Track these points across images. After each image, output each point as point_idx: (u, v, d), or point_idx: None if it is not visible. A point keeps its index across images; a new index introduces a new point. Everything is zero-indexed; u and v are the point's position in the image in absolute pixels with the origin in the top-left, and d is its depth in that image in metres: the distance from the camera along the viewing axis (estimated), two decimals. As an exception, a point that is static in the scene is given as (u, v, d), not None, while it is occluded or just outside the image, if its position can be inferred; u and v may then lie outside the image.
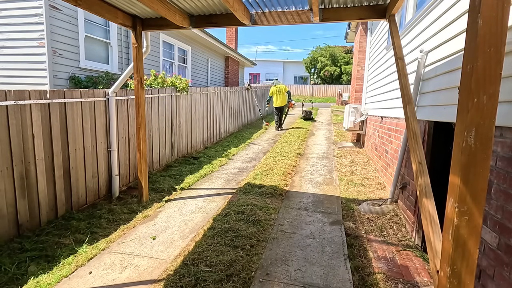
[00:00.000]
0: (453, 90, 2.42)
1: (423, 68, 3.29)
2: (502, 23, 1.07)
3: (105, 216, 3.49)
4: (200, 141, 7.40)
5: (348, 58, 27.94)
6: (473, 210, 1.16)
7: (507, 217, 1.66)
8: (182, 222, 3.46)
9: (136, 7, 3.39)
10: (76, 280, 2.39)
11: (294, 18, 3.34)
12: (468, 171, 1.15)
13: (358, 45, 8.53)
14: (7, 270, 2.42)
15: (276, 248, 2.89)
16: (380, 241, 3.08)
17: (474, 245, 1.17)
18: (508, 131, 1.72)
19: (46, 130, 3.17)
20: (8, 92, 2.76)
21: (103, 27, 6.66)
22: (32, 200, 3.04)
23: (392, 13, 2.93)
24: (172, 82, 5.94)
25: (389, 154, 4.66)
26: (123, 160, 4.42)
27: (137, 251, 2.82)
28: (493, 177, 1.80)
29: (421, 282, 2.40)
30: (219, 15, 3.54)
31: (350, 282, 2.39)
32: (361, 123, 7.53)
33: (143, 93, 3.93)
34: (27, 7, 5.28)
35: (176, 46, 9.81)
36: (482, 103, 1.11)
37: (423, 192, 1.78)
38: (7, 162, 2.78)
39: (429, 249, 1.52)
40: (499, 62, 1.09)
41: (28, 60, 5.40)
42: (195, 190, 4.59)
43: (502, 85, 1.15)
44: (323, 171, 5.70)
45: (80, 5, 2.90)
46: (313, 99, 27.25)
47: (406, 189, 3.57)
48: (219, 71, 13.72)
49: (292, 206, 3.96)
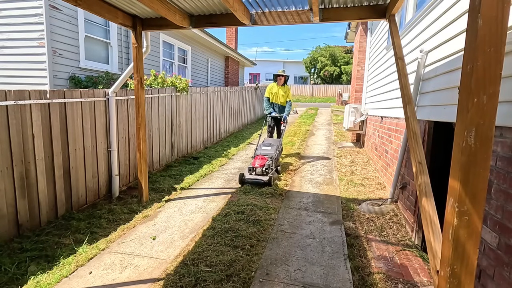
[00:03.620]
0: (453, 90, 2.42)
1: (423, 68, 3.29)
2: (502, 23, 1.07)
3: (105, 216, 3.49)
4: (200, 141, 7.40)
5: (348, 58, 27.94)
6: (473, 210, 1.16)
7: (507, 217, 1.66)
8: (182, 222, 3.46)
9: (136, 7, 3.39)
10: (76, 280, 2.39)
11: (294, 18, 3.33)
12: (468, 171, 1.15)
13: (358, 45, 8.53)
14: (7, 270, 2.42)
15: (276, 248, 2.89)
16: (380, 241, 3.08)
17: (474, 245, 1.17)
18: (508, 131, 1.72)
19: (46, 130, 3.17)
20: (8, 92, 2.76)
21: (103, 27, 6.66)
22: (32, 200, 3.04)
23: (392, 13, 2.93)
24: (172, 82, 5.94)
25: (389, 154, 4.65)
26: (123, 160, 4.42)
27: (137, 251, 2.82)
28: (493, 177, 1.80)
29: (421, 282, 2.40)
30: (219, 15, 3.54)
31: (350, 282, 2.39)
32: (361, 123, 7.53)
33: (143, 93, 3.93)
34: (27, 7, 5.27)
35: (176, 46, 9.81)
36: (482, 103, 1.11)
37: (423, 192, 1.77)
38: (7, 162, 2.78)
39: (429, 249, 1.52)
40: (499, 62, 1.09)
41: (28, 60, 5.40)
42: (195, 190, 4.58)
43: (502, 85, 1.15)
44: (323, 171, 5.70)
45: (80, 5, 2.90)
46: (313, 99, 27.27)
47: (406, 189, 3.57)
48: (219, 71, 13.72)
49: (292, 206, 3.95)
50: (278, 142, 5.58)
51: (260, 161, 4.79)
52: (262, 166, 4.71)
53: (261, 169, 4.69)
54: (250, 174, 4.74)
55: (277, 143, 5.49)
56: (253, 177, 4.64)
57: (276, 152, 5.13)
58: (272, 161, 4.91)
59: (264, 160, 4.82)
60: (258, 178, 4.58)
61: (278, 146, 5.34)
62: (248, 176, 4.70)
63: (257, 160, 4.84)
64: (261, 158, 4.87)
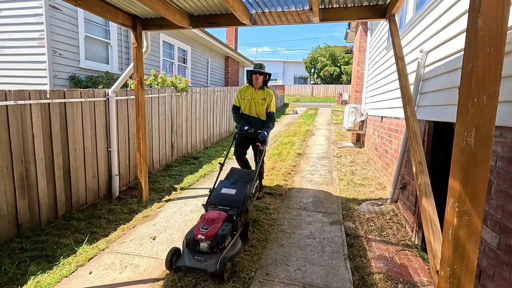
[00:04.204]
0: (453, 90, 2.42)
1: (423, 68, 3.29)
2: (502, 23, 1.07)
3: (105, 216, 3.49)
4: (200, 141, 7.40)
5: (348, 58, 27.95)
6: (473, 210, 1.16)
7: (507, 217, 1.66)
8: (182, 222, 3.46)
9: (136, 7, 3.39)
10: (76, 280, 2.38)
11: (294, 18, 3.34)
12: (468, 171, 1.15)
13: (358, 45, 8.53)
14: (7, 270, 2.42)
15: (276, 248, 2.89)
16: (380, 241, 3.08)
17: (474, 245, 1.17)
18: (508, 131, 1.72)
19: (46, 130, 3.17)
20: (8, 92, 2.76)
21: (103, 27, 6.66)
22: (32, 200, 3.04)
23: (392, 13, 2.93)
24: (172, 82, 5.94)
25: (389, 154, 4.65)
26: (123, 160, 4.42)
27: (137, 251, 2.82)
28: (493, 177, 1.80)
29: (421, 282, 2.40)
30: (219, 15, 3.54)
31: (350, 282, 2.39)
32: (361, 123, 7.53)
33: (143, 93, 3.93)
34: (27, 7, 5.27)
35: (176, 46, 9.81)
36: (482, 103, 1.11)
37: (423, 192, 1.77)
38: (7, 162, 2.78)
39: (429, 249, 1.52)
40: (499, 62, 1.09)
41: (28, 60, 5.40)
42: (195, 190, 4.58)
43: (502, 85, 1.15)
44: (323, 171, 5.70)
45: (80, 5, 2.90)
46: (313, 99, 27.28)
47: (406, 189, 3.57)
48: (219, 71, 13.72)
49: (292, 206, 3.95)
50: (251, 175, 3.36)
51: (208, 227, 2.49)
52: (211, 238, 2.44)
53: (208, 244, 2.43)
54: (189, 252, 2.46)
55: (248, 177, 3.34)
56: (193, 262, 2.39)
57: (246, 198, 3.00)
58: (236, 220, 2.72)
59: (218, 223, 2.56)
60: (201, 266, 2.35)
61: (250, 184, 3.17)
62: (185, 257, 2.44)
63: (203, 224, 2.53)
64: (211, 220, 2.55)
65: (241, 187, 3.07)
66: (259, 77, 3.91)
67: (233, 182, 3.17)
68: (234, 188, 3.06)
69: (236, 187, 3.08)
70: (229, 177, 3.41)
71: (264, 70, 3.96)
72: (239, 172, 3.60)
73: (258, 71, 3.87)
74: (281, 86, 25.52)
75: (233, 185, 3.11)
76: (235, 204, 2.89)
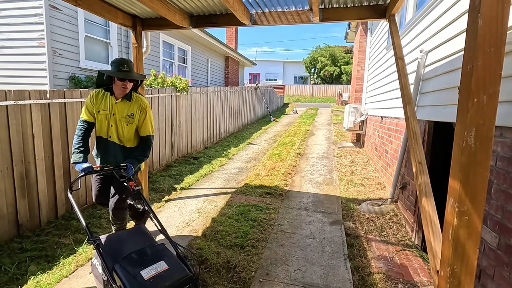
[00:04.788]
0: (453, 90, 2.42)
1: (423, 68, 3.29)
2: (502, 23, 1.07)
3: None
4: (200, 141, 7.40)
5: (348, 58, 27.95)
6: (473, 210, 1.15)
7: (507, 217, 1.66)
8: (182, 222, 3.46)
9: (136, 7, 3.39)
10: (76, 280, 2.38)
11: (294, 18, 3.33)
12: (468, 171, 1.15)
13: (358, 45, 8.53)
14: (7, 270, 2.42)
15: (276, 248, 2.89)
16: (380, 241, 3.08)
17: (474, 245, 1.17)
18: (508, 131, 1.72)
19: (46, 130, 3.17)
20: (8, 92, 2.76)
21: (103, 27, 6.66)
22: (32, 200, 3.04)
23: (392, 13, 2.93)
24: (172, 82, 5.94)
25: (389, 154, 4.65)
26: (123, 160, 4.41)
27: (137, 251, 2.82)
28: (493, 177, 1.80)
29: (421, 282, 2.40)
30: (219, 15, 3.54)
31: (350, 282, 2.39)
32: (361, 123, 7.53)
33: (143, 93, 3.93)
34: (27, 7, 5.27)
35: (176, 46, 9.80)
36: (482, 103, 1.10)
37: (423, 192, 1.77)
38: (7, 162, 2.78)
39: (429, 249, 1.52)
40: (499, 62, 1.09)
41: (28, 60, 5.39)
42: (195, 190, 4.58)
43: (502, 85, 1.15)
44: (323, 171, 5.70)
45: (80, 5, 2.90)
46: (313, 99, 27.28)
47: (406, 189, 3.57)
48: (219, 71, 13.72)
49: (292, 206, 3.95)
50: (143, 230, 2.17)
51: None
52: None
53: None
54: None
55: (146, 232, 2.14)
56: None
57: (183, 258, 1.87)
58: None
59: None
60: None
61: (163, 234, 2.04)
62: None
63: None
64: None
65: (162, 253, 1.84)
66: (126, 83, 2.39)
67: (142, 253, 1.81)
68: (156, 261, 1.75)
69: (155, 256, 1.79)
70: (124, 251, 1.84)
71: (134, 71, 2.43)
72: (125, 235, 2.09)
73: (123, 69, 2.34)
74: (281, 86, 25.51)
75: (148, 258, 1.78)
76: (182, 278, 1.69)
